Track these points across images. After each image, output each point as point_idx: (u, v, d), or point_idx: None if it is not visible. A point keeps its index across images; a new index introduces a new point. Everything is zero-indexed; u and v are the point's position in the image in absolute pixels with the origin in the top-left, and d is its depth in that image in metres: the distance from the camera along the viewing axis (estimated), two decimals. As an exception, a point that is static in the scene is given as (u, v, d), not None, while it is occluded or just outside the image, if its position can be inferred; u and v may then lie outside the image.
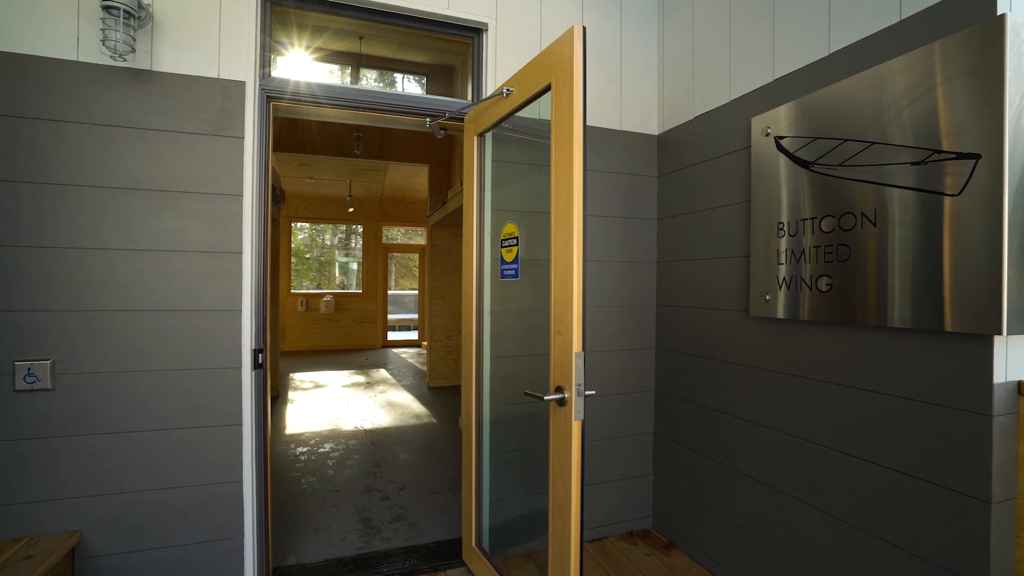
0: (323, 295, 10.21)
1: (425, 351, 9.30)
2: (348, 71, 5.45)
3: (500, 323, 2.36)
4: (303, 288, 13.91)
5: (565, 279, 1.61)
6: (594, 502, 2.62)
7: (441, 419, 5.15)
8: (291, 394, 6.19)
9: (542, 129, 2.39)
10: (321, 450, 4.10)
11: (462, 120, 2.40)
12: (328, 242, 15.62)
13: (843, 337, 1.74)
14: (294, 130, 6.30)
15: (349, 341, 10.38)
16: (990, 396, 1.36)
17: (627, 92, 2.68)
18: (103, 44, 1.77)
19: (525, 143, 2.46)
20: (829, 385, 1.79)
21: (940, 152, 1.41)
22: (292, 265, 10.27)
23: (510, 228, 2.12)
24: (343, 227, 15.84)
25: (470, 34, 2.42)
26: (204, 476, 1.98)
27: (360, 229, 11.16)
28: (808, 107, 1.81)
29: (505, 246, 2.14)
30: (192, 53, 1.97)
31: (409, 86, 5.88)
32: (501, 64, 2.42)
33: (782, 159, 1.90)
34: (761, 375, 2.08)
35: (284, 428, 4.72)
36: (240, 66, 2.02)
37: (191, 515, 1.97)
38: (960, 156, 1.37)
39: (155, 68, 1.93)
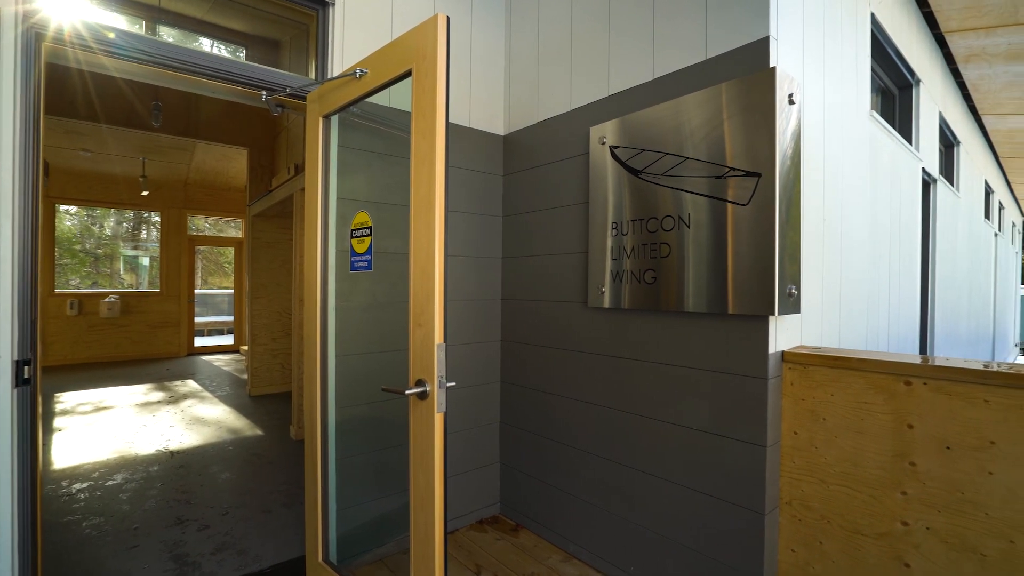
0: (104, 295, 8.35)
1: (244, 356, 8.24)
2: (141, 26, 4.53)
3: (347, 319, 2.22)
4: (71, 287, 11.17)
5: (426, 270, 1.58)
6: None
7: (268, 429, 4.63)
8: (60, 420, 4.93)
9: (393, 117, 2.32)
10: (109, 483, 3.35)
11: (304, 99, 2.19)
12: (109, 231, 12.78)
13: (660, 322, 2.04)
14: (61, 87, 5.03)
15: (143, 350, 8.67)
16: (766, 363, 1.73)
17: (476, 91, 2.74)
18: None
19: (374, 130, 2.35)
20: (650, 364, 2.09)
21: (734, 169, 1.75)
22: (56, 258, 8.18)
23: (362, 217, 2.01)
24: (130, 214, 13.14)
25: (315, 5, 2.22)
26: (-67, 534, 1.47)
27: (156, 217, 9.41)
28: (636, 122, 2.08)
29: (356, 236, 2.02)
30: (-92, -41, 1.43)
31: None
32: (349, 44, 2.28)
33: (616, 166, 2.15)
34: (597, 360, 2.32)
35: (51, 463, 3.74)
36: (-7, -11, 1.54)
37: (-91, 590, 1.44)
38: (748, 174, 1.71)
39: None
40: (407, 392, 1.57)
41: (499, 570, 2.31)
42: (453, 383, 1.62)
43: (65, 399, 5.77)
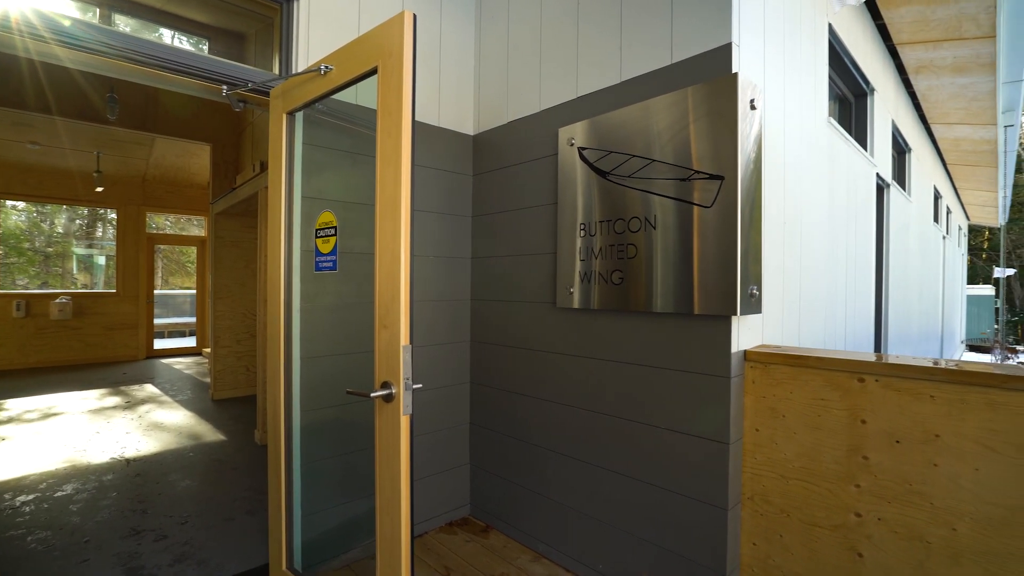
0: (55, 295, 7.95)
1: (207, 359, 7.98)
2: (94, 14, 4.33)
3: (312, 320, 2.17)
4: (18, 287, 10.59)
5: (391, 271, 1.56)
6: (414, 498, 2.60)
7: (231, 434, 4.49)
8: (3, 429, 4.66)
9: (360, 115, 2.28)
10: (58, 494, 3.19)
11: (267, 94, 2.14)
12: (61, 229, 12.17)
13: (628, 322, 2.07)
14: (6, 75, 4.77)
15: (97, 353, 8.28)
16: (728, 362, 1.77)
17: (445, 90, 2.72)
18: None
19: (340, 128, 2.31)
20: (618, 364, 2.11)
21: (698, 172, 1.79)
22: (1, 256, 7.73)
23: (327, 217, 1.97)
24: (84, 210, 12.57)
25: (278, -2, 2.17)
26: None
27: (112, 214, 9.01)
28: (604, 124, 2.10)
29: (321, 236, 1.98)
30: None
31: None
32: (314, 40, 2.23)
33: (585, 167, 2.16)
34: (565, 360, 2.33)
35: (-6, 473, 3.54)
36: (-76, -29, 1.44)
37: None
38: (711, 177, 1.75)
39: None
40: (372, 395, 1.54)
41: (468, 572, 2.30)
42: (419, 385, 1.61)
43: (10, 406, 5.46)
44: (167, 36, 4.96)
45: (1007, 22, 3.50)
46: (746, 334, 1.87)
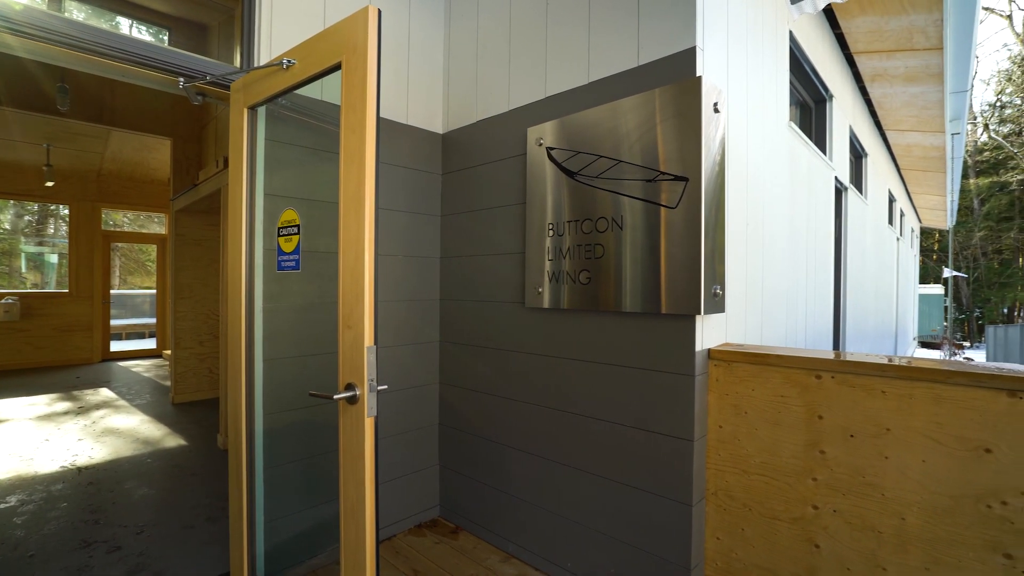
0: (1, 296, 7.52)
1: (168, 362, 7.70)
2: None
3: (275, 321, 2.11)
4: (-39, 287, 9.97)
5: (355, 270, 1.53)
6: (382, 500, 2.56)
7: (192, 439, 4.33)
8: (-58, 436, 4.39)
9: (325, 111, 2.23)
10: (1, 507, 3.02)
11: (227, 88, 2.07)
12: (8, 225, 11.52)
13: (596, 322, 2.08)
14: (-55, 64, 4.49)
15: (48, 356, 7.88)
16: (692, 361, 1.80)
17: (413, 87, 2.69)
18: None
19: (304, 124, 2.26)
20: (586, 363, 2.12)
21: (664, 173, 1.81)
22: (-59, 255, 7.28)
23: (289, 215, 1.92)
24: (34, 206, 11.97)
25: (238, -11, 2.10)
26: None
27: (65, 210, 8.59)
28: (573, 125, 2.11)
29: (283, 235, 1.92)
30: None
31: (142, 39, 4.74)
32: (278, 33, 2.17)
33: (553, 167, 2.17)
34: (534, 360, 2.34)
35: (-70, 484, 3.32)
36: None
37: None
38: (676, 178, 1.78)
39: None
40: (336, 397, 1.51)
41: (437, 574, 2.28)
42: (384, 387, 1.58)
43: (-49, 413, 5.14)
44: (125, 25, 4.74)
45: (953, 35, 3.68)
46: (710, 333, 1.91)
